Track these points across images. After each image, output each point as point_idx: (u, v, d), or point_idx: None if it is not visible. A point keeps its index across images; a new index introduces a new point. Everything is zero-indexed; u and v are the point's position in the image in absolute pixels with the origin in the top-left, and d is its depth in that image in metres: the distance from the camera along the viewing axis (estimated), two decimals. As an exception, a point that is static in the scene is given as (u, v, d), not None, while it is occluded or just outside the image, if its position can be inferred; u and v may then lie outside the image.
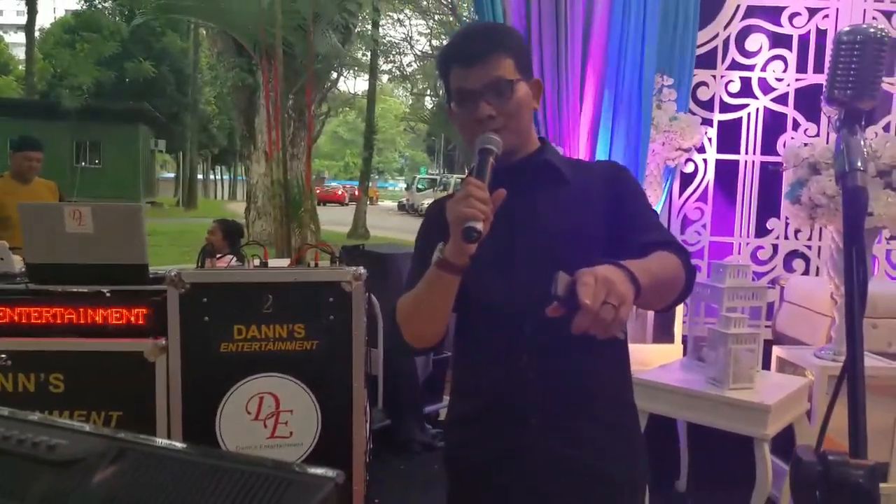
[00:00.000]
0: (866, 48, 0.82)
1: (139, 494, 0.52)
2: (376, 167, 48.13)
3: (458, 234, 1.16)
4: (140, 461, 0.55)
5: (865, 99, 0.83)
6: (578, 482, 1.35)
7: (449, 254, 1.21)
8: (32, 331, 2.26)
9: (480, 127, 1.31)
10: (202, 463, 0.53)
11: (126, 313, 2.24)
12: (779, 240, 4.42)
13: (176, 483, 0.52)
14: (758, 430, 2.70)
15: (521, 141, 1.38)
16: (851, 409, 0.71)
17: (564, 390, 1.34)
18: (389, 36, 25.63)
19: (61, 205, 2.48)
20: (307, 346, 2.18)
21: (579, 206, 1.37)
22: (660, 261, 1.26)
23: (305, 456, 2.21)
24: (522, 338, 1.33)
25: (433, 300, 1.29)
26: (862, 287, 0.75)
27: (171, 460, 0.54)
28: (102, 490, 0.53)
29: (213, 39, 13.41)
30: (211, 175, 47.06)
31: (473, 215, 1.15)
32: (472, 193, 1.17)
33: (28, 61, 26.64)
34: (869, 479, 0.67)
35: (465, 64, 1.33)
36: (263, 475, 0.51)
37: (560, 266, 1.30)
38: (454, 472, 1.49)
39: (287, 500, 0.48)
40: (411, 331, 1.35)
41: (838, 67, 0.83)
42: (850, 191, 0.79)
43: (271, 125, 7.35)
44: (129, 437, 0.57)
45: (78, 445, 0.57)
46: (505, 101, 1.32)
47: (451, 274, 1.23)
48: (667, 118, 3.92)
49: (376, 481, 3.16)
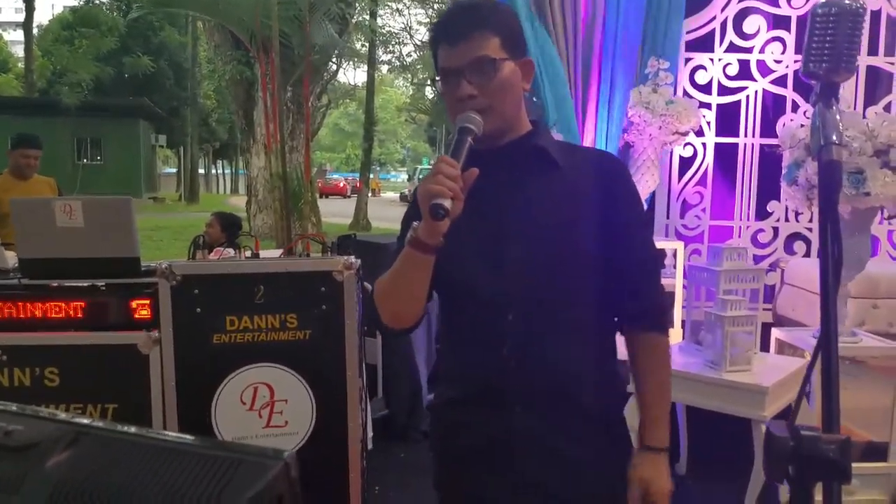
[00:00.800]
0: (841, 21, 0.80)
1: (92, 477, 0.52)
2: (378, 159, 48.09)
3: (426, 212, 1.16)
4: (95, 445, 0.54)
5: (841, 72, 0.82)
6: (562, 468, 1.35)
7: (421, 232, 1.21)
8: (27, 325, 2.26)
9: (461, 106, 1.29)
10: (155, 446, 0.53)
11: (119, 306, 2.24)
12: (779, 222, 4.40)
13: (128, 466, 0.52)
14: (755, 411, 2.70)
15: (507, 124, 1.35)
16: (825, 385, 0.70)
17: (547, 378, 1.33)
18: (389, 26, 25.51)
19: (52, 199, 2.49)
20: (300, 335, 2.18)
21: (571, 195, 1.35)
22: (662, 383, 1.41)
23: (300, 445, 2.22)
24: (506, 325, 1.32)
25: (408, 280, 1.28)
26: (836, 264, 0.74)
27: (124, 444, 0.54)
28: (56, 474, 0.53)
29: (210, 32, 13.37)
30: (213, 169, 47.10)
31: (440, 192, 1.14)
32: (440, 170, 1.16)
33: (27, 59, 26.64)
34: (840, 453, 0.66)
35: (449, 42, 1.32)
36: (214, 456, 0.50)
37: (546, 254, 1.30)
38: (440, 457, 1.49)
39: (237, 479, 0.48)
40: (387, 311, 1.34)
41: (813, 40, 0.82)
42: (825, 165, 0.78)
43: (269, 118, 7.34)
44: (84, 422, 0.57)
45: (34, 431, 0.56)
46: (487, 81, 1.29)
47: (424, 253, 1.22)
48: (663, 102, 3.90)
49: (376, 469, 3.18)
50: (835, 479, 0.66)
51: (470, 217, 1.25)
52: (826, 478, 0.67)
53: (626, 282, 1.40)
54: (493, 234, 1.34)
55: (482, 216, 1.32)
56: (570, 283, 1.33)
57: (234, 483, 0.48)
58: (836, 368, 0.71)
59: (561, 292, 1.33)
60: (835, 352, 0.71)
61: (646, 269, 1.43)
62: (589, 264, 1.35)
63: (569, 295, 1.33)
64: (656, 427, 1.39)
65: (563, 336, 1.34)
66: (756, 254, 4.44)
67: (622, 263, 1.38)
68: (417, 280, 1.27)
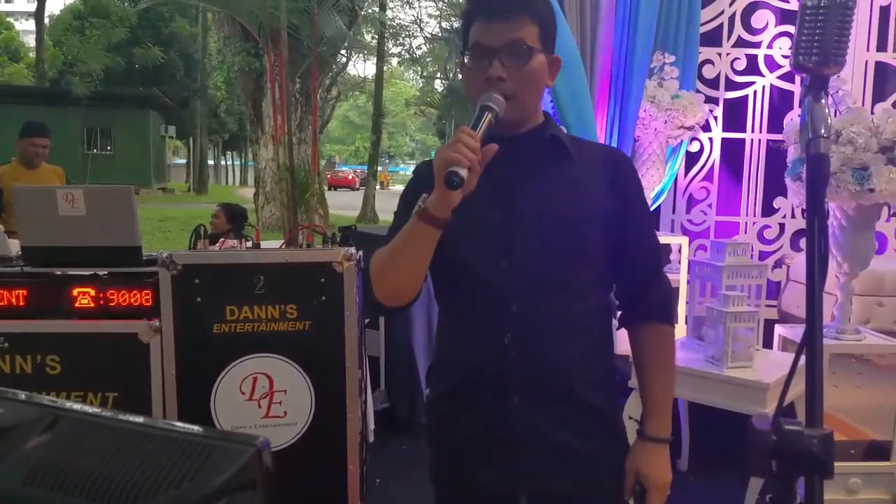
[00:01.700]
0: (831, 13, 0.80)
1: (68, 460, 0.52)
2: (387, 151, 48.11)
3: (440, 180, 1.14)
4: (73, 428, 0.55)
5: (831, 65, 0.81)
6: (560, 460, 1.35)
7: (431, 203, 1.18)
8: (28, 313, 2.28)
9: (488, 85, 1.27)
10: (131, 430, 0.54)
11: (120, 295, 2.26)
12: (786, 219, 4.38)
13: (104, 449, 0.52)
14: (756, 408, 2.69)
15: (526, 115, 1.35)
16: (809, 380, 0.70)
17: (548, 370, 1.33)
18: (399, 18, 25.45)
19: (54, 187, 2.50)
20: (299, 326, 2.18)
21: (583, 187, 1.35)
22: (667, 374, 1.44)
23: (299, 435, 2.23)
24: (509, 316, 1.31)
25: (410, 253, 1.25)
26: (822, 259, 0.73)
27: (102, 427, 0.55)
28: (34, 456, 0.53)
29: (219, 24, 13.39)
30: (222, 160, 47.21)
31: (458, 160, 1.12)
32: (461, 139, 1.14)
33: (38, 49, 26.76)
34: (822, 447, 0.66)
35: (488, 18, 1.29)
36: (189, 441, 0.51)
37: (556, 246, 1.30)
38: (437, 446, 1.48)
39: (210, 464, 0.48)
40: (383, 286, 1.31)
41: (803, 33, 0.81)
42: (813, 158, 0.77)
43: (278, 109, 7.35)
44: (63, 406, 0.57)
45: (14, 414, 0.57)
46: (520, 67, 1.28)
47: (432, 226, 1.19)
48: (668, 96, 3.88)
49: (377, 461, 3.19)
50: (816, 474, 0.66)
51: (481, 203, 1.25)
52: (808, 472, 0.67)
53: (635, 275, 1.42)
54: (503, 222, 1.32)
55: (494, 203, 1.31)
56: (577, 277, 1.33)
57: (206, 467, 0.48)
58: (820, 363, 0.70)
59: (567, 285, 1.33)
60: (819, 346, 0.71)
61: (654, 262, 1.45)
62: (596, 258, 1.36)
63: (575, 288, 1.34)
64: (659, 418, 1.40)
65: (566, 329, 1.34)
66: (762, 250, 4.42)
67: (632, 257, 1.41)
68: (420, 255, 1.24)
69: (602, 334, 1.42)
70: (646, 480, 1.37)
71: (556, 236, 1.32)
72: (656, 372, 1.43)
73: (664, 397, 1.42)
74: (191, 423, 0.59)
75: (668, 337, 1.45)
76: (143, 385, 2.24)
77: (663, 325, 1.44)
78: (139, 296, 2.25)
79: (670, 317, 1.46)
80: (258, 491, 0.48)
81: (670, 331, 1.46)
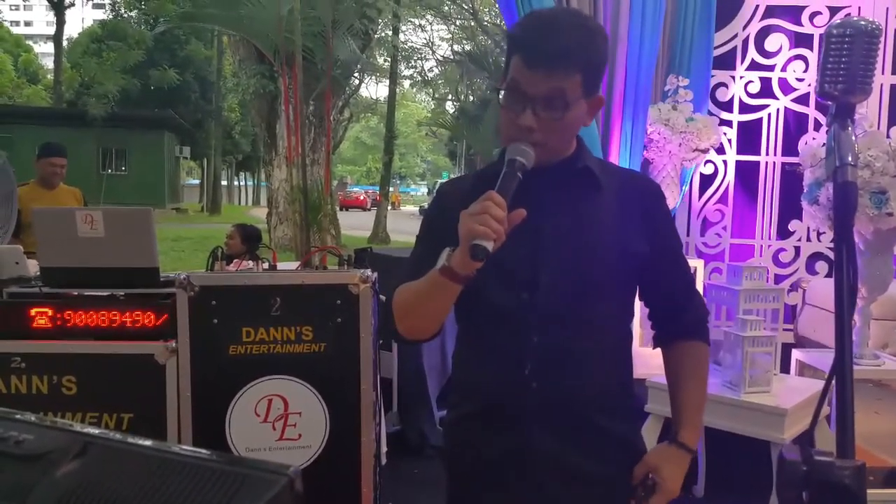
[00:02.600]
0: (856, 42, 0.80)
1: (99, 488, 0.52)
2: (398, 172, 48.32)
3: (465, 250, 1.12)
4: (103, 455, 0.55)
5: (857, 93, 0.81)
6: (580, 486, 1.34)
7: (454, 263, 1.16)
8: (46, 333, 2.29)
9: (517, 133, 1.23)
10: (161, 458, 0.54)
11: (137, 316, 2.26)
12: (801, 242, 4.35)
13: (134, 477, 0.52)
14: (774, 434, 2.65)
15: (557, 155, 1.31)
16: (840, 410, 0.69)
17: (566, 401, 1.32)
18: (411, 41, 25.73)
19: (74, 209, 2.53)
20: (315, 348, 2.18)
21: (614, 218, 1.33)
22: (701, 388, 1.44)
23: (314, 458, 2.22)
24: (530, 347, 1.30)
25: (431, 302, 1.25)
26: (851, 287, 0.73)
27: (132, 454, 0.55)
28: (65, 483, 0.53)
29: (235, 47, 13.56)
30: (235, 181, 47.59)
31: (485, 234, 1.09)
32: (488, 210, 1.11)
33: (56, 70, 27.17)
34: (855, 480, 0.65)
35: (529, 63, 1.21)
36: (219, 471, 0.51)
37: (580, 281, 1.29)
38: (454, 471, 1.47)
39: (241, 495, 0.48)
40: (406, 324, 1.31)
41: (829, 61, 0.81)
42: (840, 187, 0.77)
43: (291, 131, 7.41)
44: (93, 433, 0.57)
45: (44, 440, 0.57)
46: (553, 119, 1.23)
47: (454, 282, 1.18)
48: (683, 119, 3.88)
49: (389, 484, 3.16)
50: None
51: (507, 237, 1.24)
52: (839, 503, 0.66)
53: (670, 299, 1.43)
54: (528, 255, 1.31)
55: (520, 237, 1.25)
56: (598, 310, 1.33)
57: (238, 497, 0.48)
58: (850, 393, 0.69)
59: (589, 318, 1.32)
60: (849, 376, 0.70)
61: (687, 284, 1.46)
62: (619, 291, 1.36)
63: (596, 321, 1.33)
64: (692, 428, 1.40)
65: (586, 360, 1.33)
66: (777, 273, 4.39)
67: (669, 284, 1.42)
68: (441, 303, 1.24)
69: (622, 363, 1.41)
70: (662, 480, 1.35)
71: (580, 271, 1.31)
72: (692, 384, 1.43)
73: (698, 410, 1.42)
74: (206, 446, 0.59)
75: (703, 353, 1.45)
76: (158, 406, 2.24)
77: (701, 342, 1.45)
78: (156, 317, 2.26)
79: (706, 335, 1.46)
80: (291, 524, 0.48)
81: (706, 348, 1.46)
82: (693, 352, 1.44)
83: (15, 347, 2.27)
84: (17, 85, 30.58)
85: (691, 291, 1.46)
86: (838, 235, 0.76)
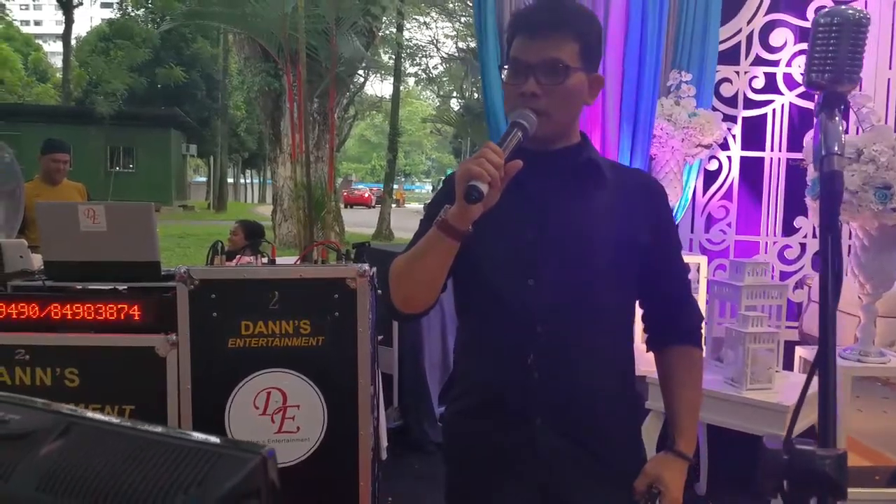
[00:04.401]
0: (844, 31, 0.80)
1: (80, 467, 0.53)
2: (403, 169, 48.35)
3: (460, 193, 1.13)
4: (85, 435, 0.56)
5: (844, 83, 0.81)
6: (581, 477, 1.35)
7: (451, 215, 1.17)
8: (49, 326, 2.31)
9: (522, 101, 1.27)
10: (142, 437, 0.54)
11: (138, 309, 2.28)
12: (807, 238, 4.33)
13: (115, 456, 0.53)
14: (776, 430, 2.64)
15: (560, 131, 1.34)
16: (822, 400, 0.69)
17: (568, 391, 1.33)
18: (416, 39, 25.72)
19: (76, 203, 2.54)
20: (313, 342, 2.19)
21: (617, 212, 1.34)
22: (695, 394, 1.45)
23: (312, 451, 2.23)
24: (533, 337, 1.31)
25: (428, 263, 1.24)
26: (836, 276, 0.73)
27: (113, 434, 0.56)
28: (46, 462, 0.54)
29: (240, 45, 13.61)
30: (241, 179, 47.75)
31: (479, 174, 1.12)
32: (484, 154, 1.14)
33: (65, 69, 27.33)
34: (835, 468, 0.65)
35: (527, 35, 1.30)
36: (196, 449, 0.51)
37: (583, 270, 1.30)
38: (455, 464, 1.47)
39: (216, 471, 0.49)
40: (400, 292, 1.30)
41: (816, 50, 0.82)
42: (826, 176, 0.77)
43: (295, 128, 7.43)
44: (77, 413, 0.58)
45: (29, 421, 0.58)
46: (554, 85, 1.27)
47: (451, 237, 1.18)
48: (685, 114, 3.87)
49: (390, 479, 3.18)
50: (830, 495, 0.65)
51: (508, 219, 1.25)
52: (821, 493, 0.66)
53: (666, 301, 1.44)
54: (530, 241, 1.32)
55: (522, 220, 1.30)
56: (602, 300, 1.33)
57: (213, 474, 0.49)
58: (833, 382, 0.70)
59: (592, 308, 1.33)
60: (833, 365, 0.70)
61: (684, 288, 1.47)
62: (622, 283, 1.37)
63: (599, 311, 1.34)
64: (687, 437, 1.41)
65: (589, 351, 1.34)
66: (783, 270, 4.37)
67: (663, 284, 1.42)
68: (437, 265, 1.24)
69: (624, 357, 1.42)
70: (665, 490, 1.36)
71: (584, 260, 1.32)
72: (686, 391, 1.44)
73: (692, 416, 1.43)
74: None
75: (697, 359, 1.46)
76: (159, 398, 2.26)
77: (694, 348, 1.46)
78: (157, 310, 2.28)
79: (699, 340, 1.47)
80: (262, 500, 0.49)
81: (699, 354, 1.47)
82: (687, 357, 1.45)
83: (19, 340, 2.29)
84: (26, 83, 30.80)
85: (688, 296, 1.47)
86: (824, 224, 0.76)
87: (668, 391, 1.45)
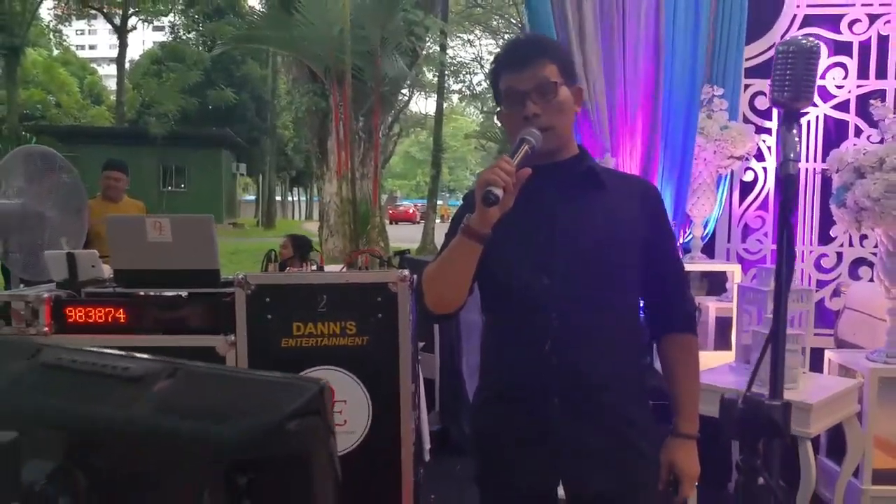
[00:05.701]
0: (799, 57, 0.95)
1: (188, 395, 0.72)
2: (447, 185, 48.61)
3: (479, 198, 1.32)
4: (189, 375, 0.75)
5: (801, 100, 0.96)
6: (600, 461, 1.48)
7: (472, 220, 1.36)
8: (120, 329, 2.52)
9: (526, 124, 1.46)
10: (230, 376, 0.73)
11: (200, 313, 2.50)
12: (843, 248, 4.36)
13: (210, 389, 0.72)
14: (800, 428, 2.72)
15: (562, 144, 1.53)
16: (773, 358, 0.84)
17: (583, 376, 1.48)
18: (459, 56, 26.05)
19: (144, 217, 2.78)
20: (358, 341, 2.37)
21: (618, 213, 1.52)
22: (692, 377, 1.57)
23: (358, 443, 2.40)
24: (550, 326, 1.47)
25: (455, 265, 1.43)
26: (789, 265, 0.87)
27: (210, 374, 0.74)
28: (161, 395, 0.73)
29: (288, 67, 14.02)
30: (289, 196, 48.63)
31: (494, 181, 1.30)
32: (498, 164, 1.34)
33: (119, 91, 28.22)
34: (781, 414, 0.79)
35: (515, 68, 1.50)
36: (273, 381, 0.70)
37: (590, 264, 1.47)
38: (480, 450, 1.62)
39: (287, 396, 0.67)
40: (432, 294, 1.49)
41: (776, 73, 0.97)
42: (783, 179, 0.92)
43: (341, 146, 7.69)
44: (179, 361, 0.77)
45: (141, 367, 0.77)
46: (549, 101, 1.48)
47: (473, 241, 1.37)
48: (717, 127, 3.97)
49: (433, 479, 3.32)
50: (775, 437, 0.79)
51: (523, 224, 1.43)
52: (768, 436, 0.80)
53: (662, 290, 1.58)
54: (543, 242, 1.50)
55: (535, 224, 1.49)
56: (609, 290, 1.50)
57: (284, 398, 0.67)
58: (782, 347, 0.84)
59: (601, 298, 1.49)
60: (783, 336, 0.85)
61: (678, 279, 1.61)
62: (626, 275, 1.52)
63: (607, 301, 1.50)
64: (689, 417, 1.54)
65: (600, 339, 1.49)
66: (819, 279, 4.41)
67: (659, 275, 1.56)
68: (463, 267, 1.43)
69: (635, 343, 1.57)
70: (679, 472, 1.50)
71: (590, 258, 1.49)
72: (685, 374, 1.57)
73: (692, 398, 1.56)
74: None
75: (692, 344, 1.59)
76: (219, 394, 2.45)
77: (688, 334, 1.59)
78: (217, 313, 2.48)
79: (693, 327, 1.61)
80: (321, 417, 0.66)
81: (694, 340, 1.60)
82: (684, 344, 1.59)
83: (92, 341, 2.48)
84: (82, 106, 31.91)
85: (682, 286, 1.62)
86: (780, 220, 0.91)
87: (669, 376, 1.59)
